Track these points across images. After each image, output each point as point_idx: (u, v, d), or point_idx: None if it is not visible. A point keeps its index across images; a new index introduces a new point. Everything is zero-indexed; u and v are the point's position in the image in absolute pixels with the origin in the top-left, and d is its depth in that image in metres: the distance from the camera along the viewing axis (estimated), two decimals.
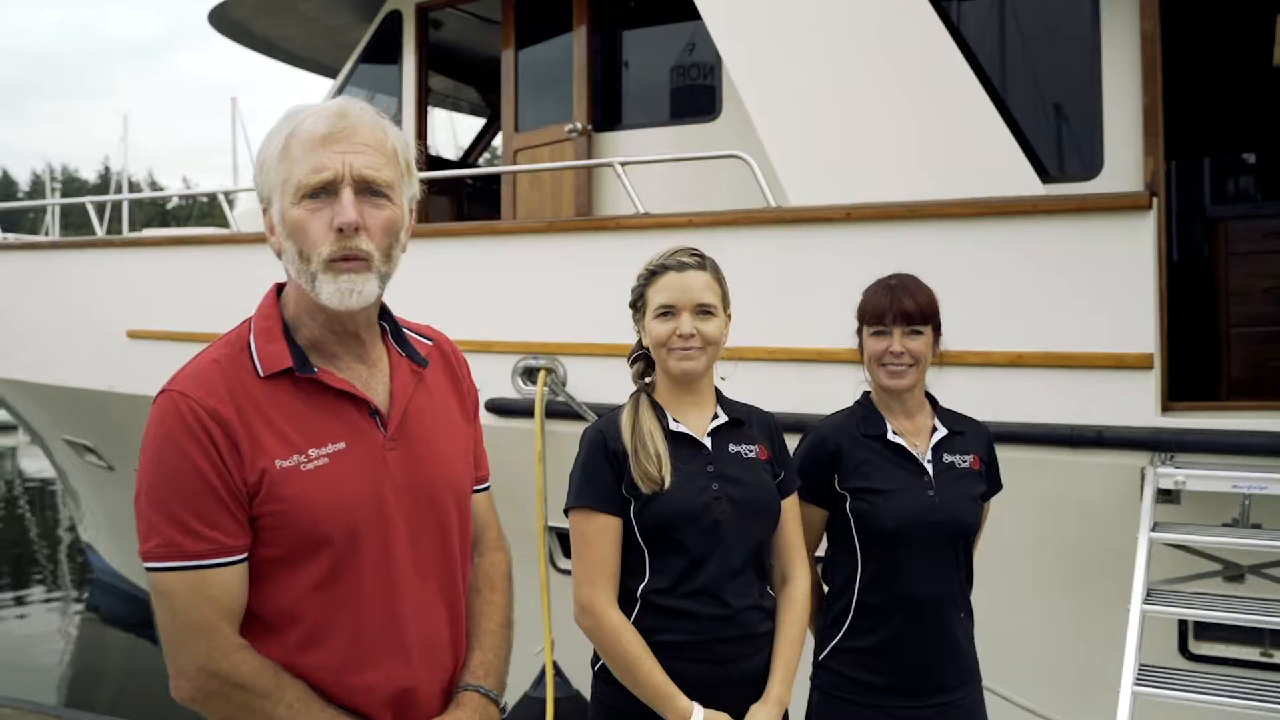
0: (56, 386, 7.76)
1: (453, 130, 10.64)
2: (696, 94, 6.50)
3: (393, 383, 1.86)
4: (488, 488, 2.11)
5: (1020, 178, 4.69)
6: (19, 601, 11.84)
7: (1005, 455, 2.96)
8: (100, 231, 8.23)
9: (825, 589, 2.84)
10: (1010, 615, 4.17)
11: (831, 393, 3.05)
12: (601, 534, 2.39)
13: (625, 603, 2.40)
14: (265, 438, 1.69)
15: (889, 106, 5.00)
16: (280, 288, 1.87)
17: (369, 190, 1.73)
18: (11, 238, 9.76)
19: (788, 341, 4.87)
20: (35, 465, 22.06)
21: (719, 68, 6.11)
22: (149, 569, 1.67)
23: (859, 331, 2.83)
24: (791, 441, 2.71)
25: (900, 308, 2.71)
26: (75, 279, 7.48)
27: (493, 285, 5.59)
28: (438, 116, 10.38)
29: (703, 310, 2.44)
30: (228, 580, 1.67)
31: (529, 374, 5.41)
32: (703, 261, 2.48)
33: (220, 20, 7.90)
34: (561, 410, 5.28)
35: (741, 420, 2.54)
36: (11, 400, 9.37)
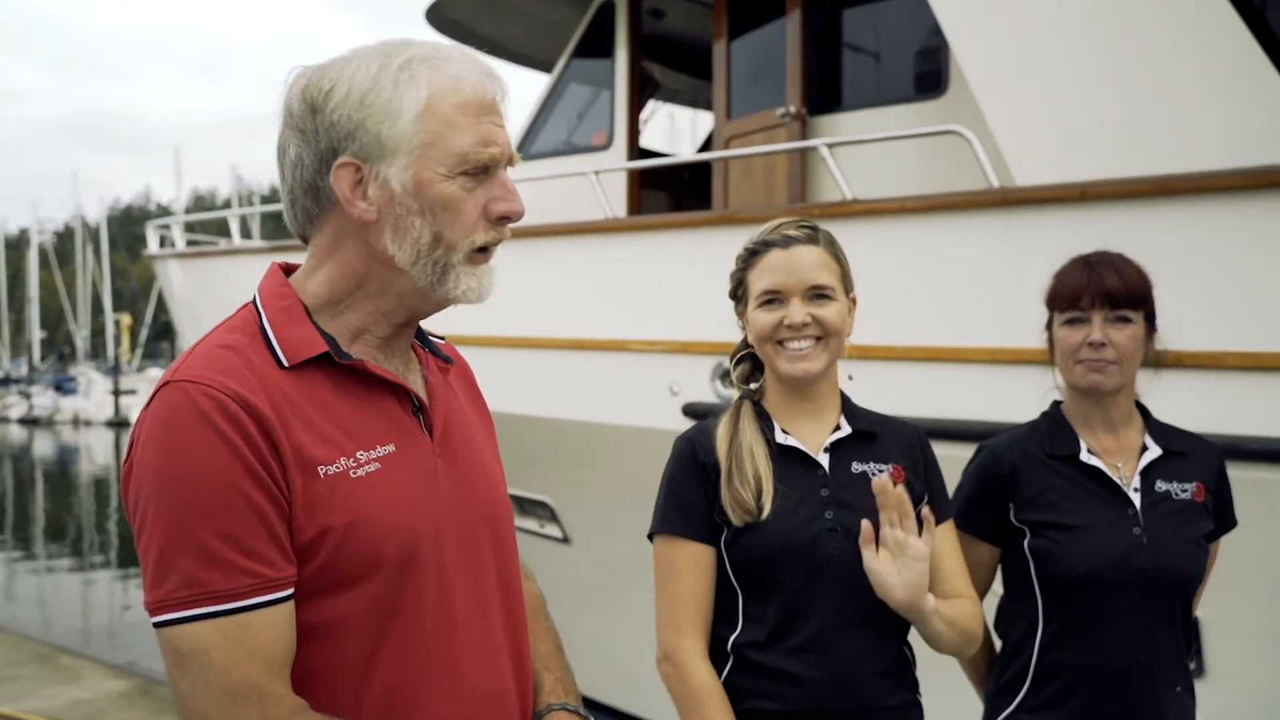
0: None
1: (693, 127, 10.38)
2: (921, 71, 5.88)
3: (428, 380, 1.53)
4: None
5: None
6: None
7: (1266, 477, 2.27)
8: None
9: (998, 645, 2.27)
10: (1257, 691, 3.34)
11: None
12: (689, 566, 1.94)
13: (717, 656, 1.94)
14: (303, 438, 1.33)
15: (1135, 61, 4.24)
16: (285, 268, 1.50)
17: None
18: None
19: (1015, 340, 4.19)
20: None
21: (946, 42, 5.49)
22: (163, 624, 1.26)
23: (1048, 324, 2.25)
24: None
25: (1102, 286, 2.13)
26: None
27: (688, 282, 5.19)
28: (669, 113, 10.14)
29: (817, 294, 1.94)
30: (276, 624, 1.29)
31: (727, 377, 5.01)
32: (814, 234, 1.99)
33: (438, 19, 7.87)
34: None
35: (873, 433, 2.01)
36: None
